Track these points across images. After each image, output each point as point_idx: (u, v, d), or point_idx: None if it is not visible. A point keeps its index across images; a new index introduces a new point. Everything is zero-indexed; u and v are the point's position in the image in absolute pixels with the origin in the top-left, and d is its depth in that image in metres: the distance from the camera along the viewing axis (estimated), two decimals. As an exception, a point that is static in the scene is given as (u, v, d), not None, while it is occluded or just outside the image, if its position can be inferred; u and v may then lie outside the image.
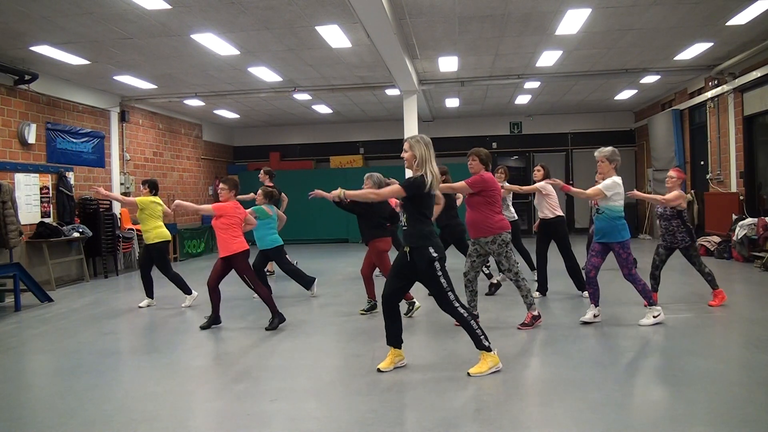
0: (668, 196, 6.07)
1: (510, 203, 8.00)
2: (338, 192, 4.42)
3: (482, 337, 4.18)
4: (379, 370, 4.27)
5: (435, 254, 4.13)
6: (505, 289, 7.44)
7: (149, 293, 7.31)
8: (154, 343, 5.56)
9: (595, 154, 5.52)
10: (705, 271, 6.12)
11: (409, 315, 6.09)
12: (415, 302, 6.22)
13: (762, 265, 8.46)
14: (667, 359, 4.50)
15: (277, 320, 5.81)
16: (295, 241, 9.92)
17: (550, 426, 3.30)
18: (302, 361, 4.69)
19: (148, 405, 3.80)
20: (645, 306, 5.51)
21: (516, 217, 8.11)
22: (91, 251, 10.06)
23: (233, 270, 5.97)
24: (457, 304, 4.17)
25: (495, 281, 7.36)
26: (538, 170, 7.14)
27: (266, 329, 5.74)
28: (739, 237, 9.27)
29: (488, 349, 4.19)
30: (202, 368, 4.79)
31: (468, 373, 4.12)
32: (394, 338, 4.35)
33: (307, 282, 7.55)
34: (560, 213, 6.94)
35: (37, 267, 8.78)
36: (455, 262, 6.62)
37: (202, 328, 5.89)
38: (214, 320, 5.97)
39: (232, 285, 8.34)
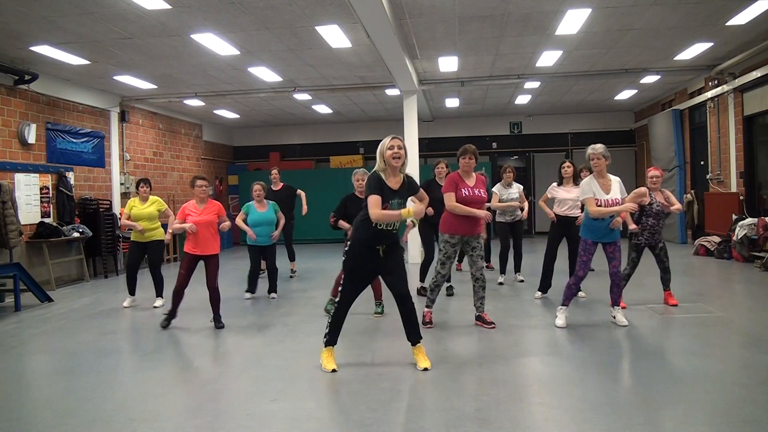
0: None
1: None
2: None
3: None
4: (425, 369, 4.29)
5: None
6: (505, 289, 7.45)
7: (160, 292, 7.29)
8: (154, 343, 5.55)
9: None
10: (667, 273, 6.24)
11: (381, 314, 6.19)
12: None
13: (762, 265, 8.46)
14: (667, 359, 4.50)
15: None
16: (296, 241, 9.90)
17: (550, 426, 3.30)
18: (302, 361, 4.68)
19: (148, 405, 3.80)
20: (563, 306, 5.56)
21: (521, 217, 8.15)
22: (91, 251, 10.08)
23: (216, 269, 6.07)
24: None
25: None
26: (568, 166, 7.03)
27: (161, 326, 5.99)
28: (739, 237, 9.27)
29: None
30: (201, 368, 4.79)
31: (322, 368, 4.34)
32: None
33: (250, 286, 7.58)
34: (571, 214, 6.80)
35: (37, 267, 8.78)
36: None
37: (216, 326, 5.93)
38: (217, 320, 5.99)
39: (233, 286, 8.34)
